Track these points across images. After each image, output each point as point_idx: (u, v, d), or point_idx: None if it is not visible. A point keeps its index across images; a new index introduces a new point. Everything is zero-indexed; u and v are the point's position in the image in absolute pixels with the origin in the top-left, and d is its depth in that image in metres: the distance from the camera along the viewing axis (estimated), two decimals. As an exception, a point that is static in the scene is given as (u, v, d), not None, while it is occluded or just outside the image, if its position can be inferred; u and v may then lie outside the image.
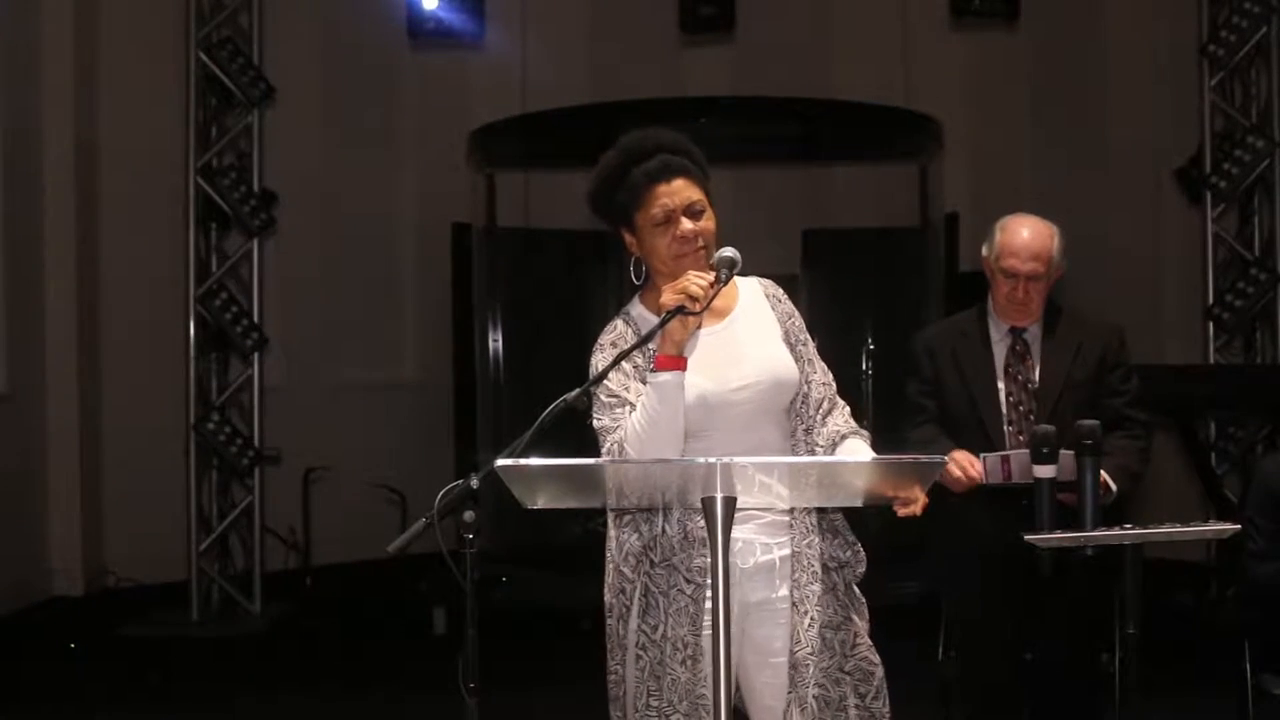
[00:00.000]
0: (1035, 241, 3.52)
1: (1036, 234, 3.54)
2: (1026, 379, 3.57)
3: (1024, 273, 3.51)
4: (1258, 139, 6.86)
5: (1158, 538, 2.79)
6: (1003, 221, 3.61)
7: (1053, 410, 3.45)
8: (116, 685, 5.83)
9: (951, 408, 3.60)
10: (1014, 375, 3.58)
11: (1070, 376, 3.55)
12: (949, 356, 3.63)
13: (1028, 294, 3.53)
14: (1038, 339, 3.60)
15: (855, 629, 2.59)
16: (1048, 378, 3.56)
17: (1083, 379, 3.56)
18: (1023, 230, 3.55)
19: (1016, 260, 3.51)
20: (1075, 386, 3.54)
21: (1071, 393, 3.52)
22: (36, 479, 7.55)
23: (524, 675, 5.60)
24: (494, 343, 7.95)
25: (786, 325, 2.67)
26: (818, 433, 2.62)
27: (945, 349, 3.65)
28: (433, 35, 7.31)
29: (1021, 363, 3.58)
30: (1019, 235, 3.54)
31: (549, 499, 2.29)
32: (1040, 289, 3.55)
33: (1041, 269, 3.52)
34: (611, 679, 2.60)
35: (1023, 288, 3.52)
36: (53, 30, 7.63)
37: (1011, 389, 3.57)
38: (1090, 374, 3.57)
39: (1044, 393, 3.54)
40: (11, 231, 7.30)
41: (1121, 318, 3.81)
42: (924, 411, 3.66)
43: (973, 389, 3.57)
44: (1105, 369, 3.59)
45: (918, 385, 3.69)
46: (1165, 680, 3.57)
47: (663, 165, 2.58)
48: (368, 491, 8.10)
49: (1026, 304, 3.55)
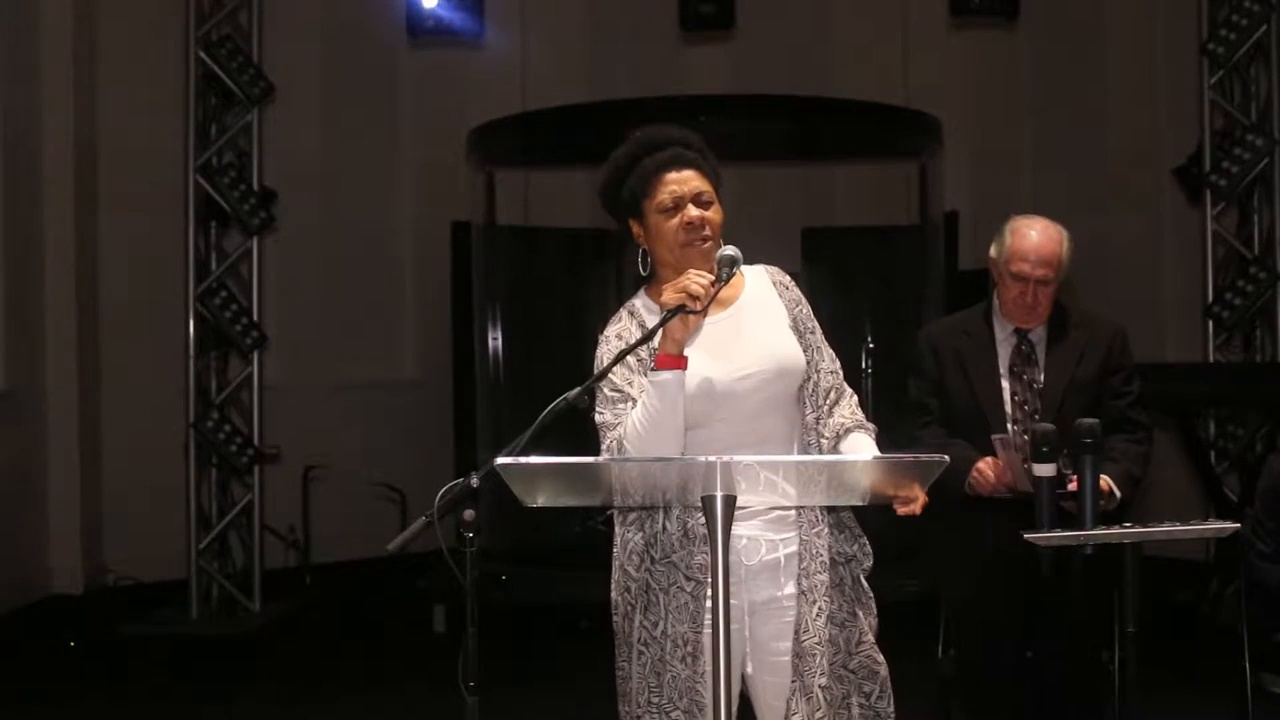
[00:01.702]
0: (1046, 246, 3.50)
1: (1048, 238, 3.51)
2: (1032, 380, 3.56)
3: (1034, 277, 3.49)
4: (1257, 137, 6.85)
5: (1158, 536, 2.79)
6: (1013, 224, 3.58)
7: (1058, 411, 3.44)
8: (116, 684, 5.83)
9: (956, 408, 3.59)
10: (1019, 375, 3.57)
11: (1075, 378, 3.54)
12: (953, 356, 3.62)
13: (1037, 298, 3.52)
14: (1042, 340, 3.59)
15: (860, 627, 2.58)
16: (1053, 379, 3.55)
17: (1087, 380, 3.55)
18: (1033, 234, 3.52)
19: (1027, 265, 3.49)
20: (1080, 388, 3.53)
21: (1076, 394, 3.51)
22: (36, 477, 7.55)
23: (524, 673, 5.61)
24: (493, 341, 7.94)
25: (794, 313, 2.67)
26: (824, 423, 2.62)
27: (949, 348, 3.64)
28: (432, 33, 7.30)
29: (1027, 363, 3.58)
30: (1029, 239, 3.51)
31: (549, 497, 2.29)
32: (1049, 293, 3.54)
33: (1051, 274, 3.51)
34: (619, 676, 2.61)
35: (1032, 292, 3.51)
36: (52, 29, 7.63)
37: (1017, 389, 3.56)
38: (1094, 375, 3.56)
39: (1049, 394, 3.53)
40: (11, 230, 7.30)
41: (1121, 316, 3.80)
42: (928, 411, 3.65)
43: (977, 389, 3.56)
44: (1108, 370, 3.59)
45: (921, 384, 3.68)
46: (1165, 679, 3.57)
47: (674, 156, 2.61)
48: (367, 490, 8.11)
49: (1035, 307, 3.54)
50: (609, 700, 2.66)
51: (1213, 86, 7.01)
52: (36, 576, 7.52)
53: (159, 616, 6.96)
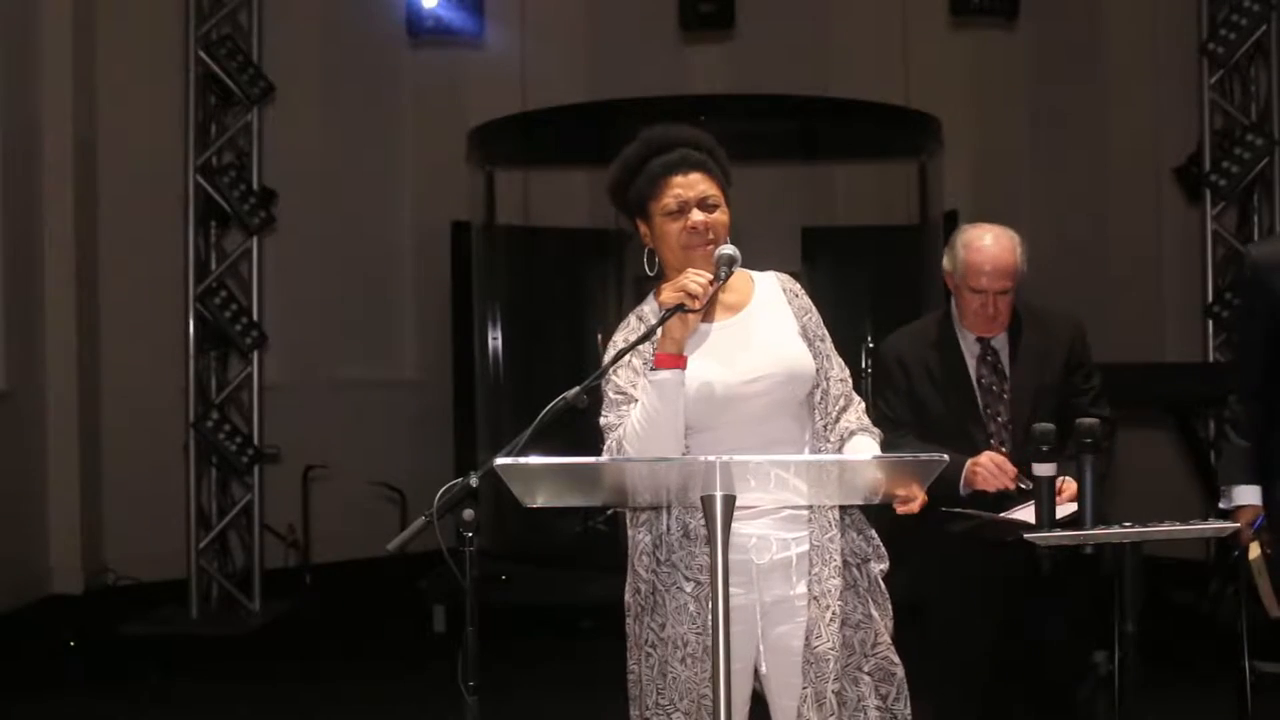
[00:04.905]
0: (1001, 257, 3.45)
1: (1001, 248, 3.46)
2: (1001, 389, 3.55)
3: (994, 289, 3.45)
4: (1257, 137, 6.86)
5: (1157, 536, 2.79)
6: (964, 237, 3.52)
7: (1029, 417, 3.41)
8: (116, 684, 5.82)
9: (931, 420, 3.53)
10: (988, 386, 3.54)
11: (1041, 382, 3.53)
12: (922, 368, 3.57)
13: (998, 308, 3.49)
14: (1005, 346, 3.56)
15: (876, 628, 2.57)
16: (1020, 385, 3.52)
17: (1053, 382, 3.53)
18: (986, 246, 3.46)
19: (985, 278, 3.44)
20: (1046, 391, 3.51)
21: (1044, 397, 3.50)
22: (36, 477, 7.55)
23: (524, 673, 5.61)
24: (493, 340, 7.94)
25: (803, 320, 2.67)
26: (831, 429, 2.62)
27: (917, 360, 3.59)
28: (432, 33, 7.30)
29: (993, 373, 3.55)
30: (983, 252, 3.45)
31: (548, 497, 2.29)
32: (1009, 301, 3.50)
33: (1010, 283, 3.46)
34: (630, 678, 2.61)
35: (993, 303, 3.47)
36: (52, 29, 7.63)
37: (988, 400, 3.54)
38: (1059, 375, 3.54)
39: (1017, 401, 3.50)
40: (11, 230, 7.30)
41: (1121, 316, 3.80)
42: (903, 425, 3.56)
43: (950, 401, 3.52)
44: (1069, 368, 3.58)
45: (890, 396, 3.61)
46: (1164, 678, 3.58)
47: (681, 158, 2.60)
48: (367, 490, 8.11)
49: (997, 317, 3.50)
50: (609, 700, 2.66)
51: (1213, 86, 7.02)
52: (36, 576, 7.52)
53: (159, 616, 6.96)
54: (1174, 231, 8.18)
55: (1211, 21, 6.97)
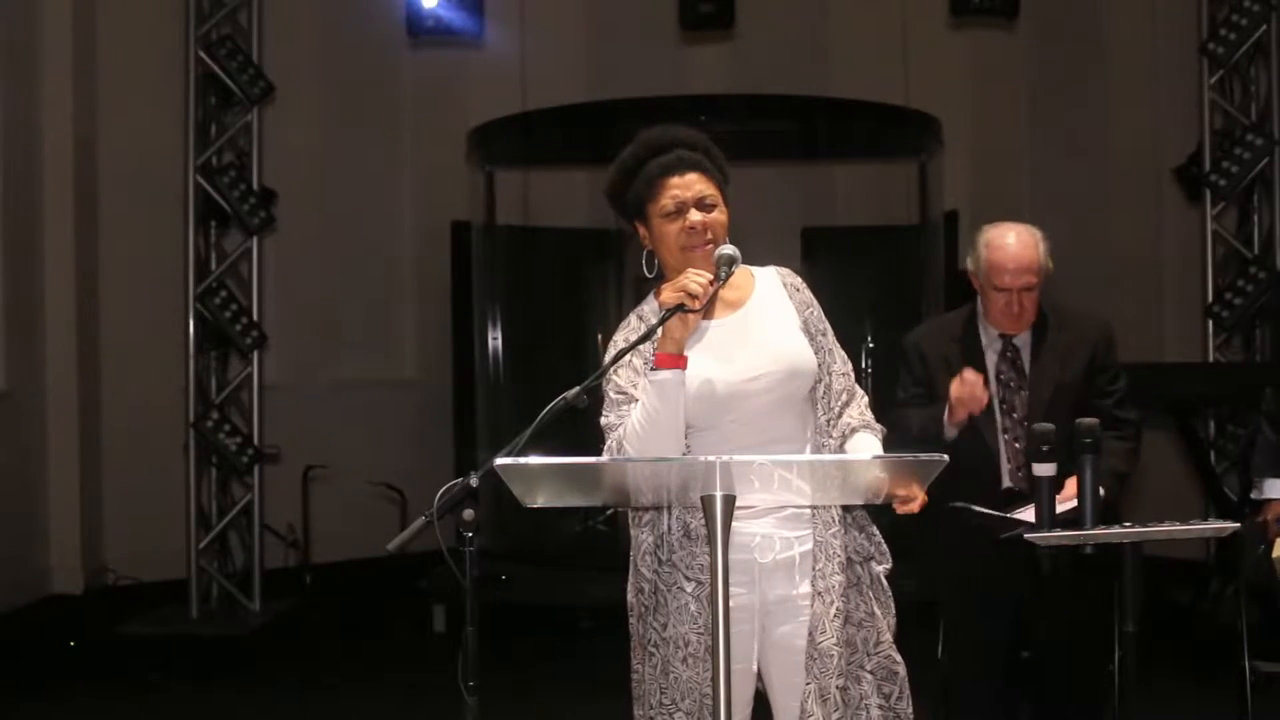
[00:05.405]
0: (1024, 254, 3.49)
1: (1024, 245, 3.50)
2: (1020, 385, 3.56)
3: (1017, 287, 3.49)
4: (1257, 137, 6.86)
5: (1157, 536, 2.79)
6: (986, 236, 3.55)
7: (1046, 414, 3.43)
8: (116, 683, 5.82)
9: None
10: (1006, 381, 3.57)
11: (1061, 380, 3.54)
12: (942, 361, 3.60)
13: (1023, 306, 3.52)
14: (1027, 344, 3.59)
15: (879, 626, 2.57)
16: (1039, 382, 3.54)
17: (1073, 381, 3.55)
18: (1009, 245, 3.50)
19: (1008, 276, 3.48)
20: (1066, 389, 3.52)
21: (1063, 396, 3.51)
22: (36, 477, 7.55)
23: (524, 673, 5.61)
24: (493, 340, 7.94)
25: (805, 315, 2.66)
26: (834, 424, 2.61)
27: (937, 353, 3.63)
28: (432, 33, 7.30)
29: (1012, 369, 3.57)
30: (1005, 251, 3.49)
31: (548, 497, 2.29)
32: (1034, 298, 3.54)
33: (1034, 280, 3.50)
34: (634, 678, 2.61)
35: (1018, 300, 3.50)
36: (52, 28, 7.63)
37: (1005, 394, 3.56)
38: (1080, 375, 3.56)
39: (1034, 399, 3.53)
40: (11, 230, 7.30)
41: (1121, 316, 3.80)
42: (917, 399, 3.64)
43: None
44: (1094, 370, 3.58)
45: (911, 386, 3.67)
46: (1164, 678, 3.58)
47: (678, 159, 2.60)
48: (367, 490, 8.10)
49: (1022, 314, 3.54)
50: (610, 700, 2.66)
51: (1212, 86, 7.02)
52: (36, 576, 7.52)
53: (159, 616, 6.96)
54: (1174, 231, 8.19)
55: (1211, 22, 6.97)
